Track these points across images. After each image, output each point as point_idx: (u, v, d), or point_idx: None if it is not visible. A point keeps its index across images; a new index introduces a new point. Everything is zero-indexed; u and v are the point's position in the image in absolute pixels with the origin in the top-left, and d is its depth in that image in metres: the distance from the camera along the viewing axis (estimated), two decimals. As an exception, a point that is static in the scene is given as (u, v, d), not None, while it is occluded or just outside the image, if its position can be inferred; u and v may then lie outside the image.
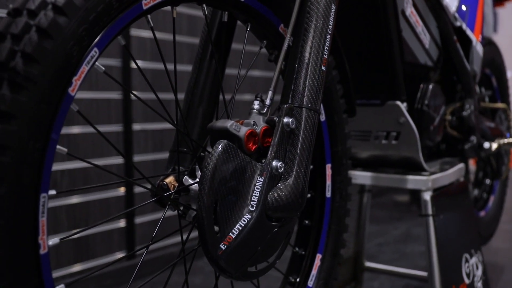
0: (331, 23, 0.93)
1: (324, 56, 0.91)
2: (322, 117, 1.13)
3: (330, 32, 0.93)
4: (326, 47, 0.92)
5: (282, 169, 0.85)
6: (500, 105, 2.12)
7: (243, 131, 0.83)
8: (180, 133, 0.93)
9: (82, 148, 1.98)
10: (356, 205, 1.86)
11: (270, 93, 0.91)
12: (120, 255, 2.12)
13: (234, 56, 2.31)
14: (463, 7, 1.79)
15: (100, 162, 2.02)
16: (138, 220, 2.19)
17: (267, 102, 0.91)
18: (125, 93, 2.10)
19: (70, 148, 1.93)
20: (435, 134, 1.48)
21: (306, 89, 0.89)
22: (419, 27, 1.43)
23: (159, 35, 2.23)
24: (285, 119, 0.86)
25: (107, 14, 0.69)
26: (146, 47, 2.21)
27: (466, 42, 1.69)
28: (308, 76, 0.89)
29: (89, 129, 1.99)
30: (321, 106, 1.12)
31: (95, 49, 0.68)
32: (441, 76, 1.67)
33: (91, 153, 2.01)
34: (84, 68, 0.67)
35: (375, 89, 1.38)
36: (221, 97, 1.01)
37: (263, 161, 0.84)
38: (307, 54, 0.90)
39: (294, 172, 0.85)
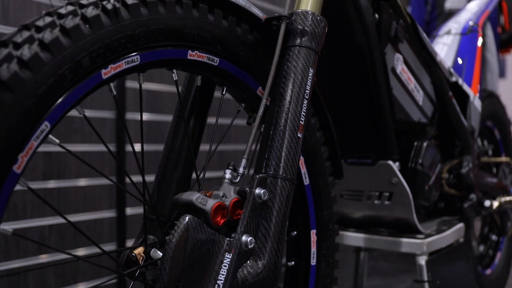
0: (308, 87, 0.89)
1: (301, 122, 0.87)
2: (306, 181, 1.08)
3: (307, 97, 0.89)
4: (303, 113, 0.88)
5: (253, 244, 0.79)
6: (503, 159, 2.06)
7: (209, 204, 0.78)
8: (147, 205, 0.89)
9: (73, 202, 1.94)
10: (353, 263, 1.79)
11: (243, 161, 0.86)
12: (110, 312, 2.04)
13: (224, 106, 2.30)
14: (459, 61, 1.76)
15: (91, 216, 1.98)
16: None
17: (240, 170, 0.86)
18: (118, 146, 2.07)
19: (60, 202, 1.89)
20: (431, 194, 1.42)
21: (281, 158, 0.84)
22: (411, 84, 1.39)
23: (156, 86, 2.22)
24: (257, 191, 0.81)
25: (60, 86, 0.65)
26: (141, 98, 2.19)
27: (463, 97, 1.64)
28: (283, 144, 0.85)
29: (81, 183, 1.95)
30: (305, 169, 1.07)
31: (46, 123, 0.65)
32: (438, 131, 1.62)
33: (82, 207, 1.96)
34: (33, 144, 0.63)
35: (366, 148, 1.34)
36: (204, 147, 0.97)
37: (233, 235, 0.79)
38: (282, 121, 0.86)
39: (265, 248, 0.80)
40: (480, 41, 1.87)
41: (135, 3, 0.74)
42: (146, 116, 2.21)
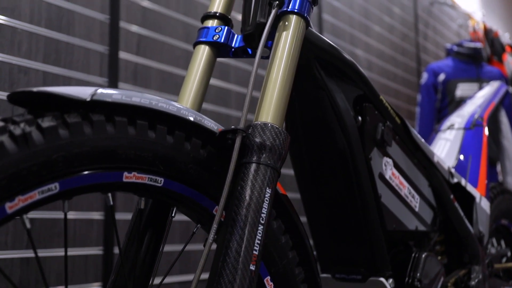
0: (264, 210, 0.78)
1: (254, 252, 0.75)
2: (277, 311, 0.94)
3: (263, 222, 0.78)
4: (257, 241, 0.76)
5: None
6: (522, 262, 1.87)
7: None
8: None
9: (53, 311, 1.80)
10: None
11: (188, 298, 0.74)
12: None
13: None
14: (463, 158, 1.64)
15: (72, 326, 1.83)
16: None
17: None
18: (105, 249, 1.95)
19: (39, 312, 1.76)
20: (433, 313, 1.25)
21: None
22: (404, 189, 1.27)
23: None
24: None
25: None
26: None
27: (468, 200, 1.51)
28: (234, 280, 0.73)
29: (61, 290, 1.82)
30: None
31: None
32: (443, 237, 1.47)
33: (63, 317, 1.83)
34: None
35: (354, 263, 1.20)
36: None
37: None
38: (232, 252, 0.75)
39: None
40: (485, 136, 1.75)
41: (52, 126, 0.65)
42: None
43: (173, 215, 0.85)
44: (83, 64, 2.00)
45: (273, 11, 0.93)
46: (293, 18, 0.94)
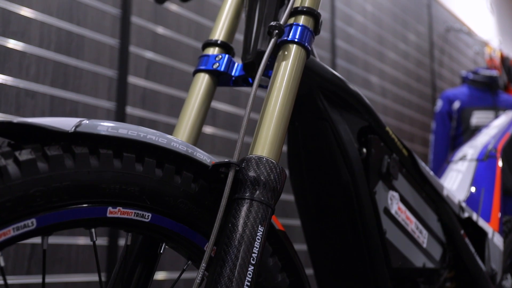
0: (256, 250, 0.74)
1: (244, 294, 0.71)
2: None
3: (253, 262, 0.73)
4: (247, 282, 0.72)
5: None
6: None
7: None
8: None
9: None
10: None
11: None
12: None
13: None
14: (476, 190, 1.58)
15: None
16: None
17: None
18: (108, 275, 1.92)
19: None
20: None
21: None
22: (411, 224, 1.21)
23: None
24: None
25: None
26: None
27: (479, 235, 1.44)
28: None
29: (61, 318, 1.78)
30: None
31: None
32: (454, 273, 1.41)
33: None
34: None
35: (357, 302, 1.14)
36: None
37: None
38: (221, 293, 0.70)
39: None
40: (499, 168, 1.69)
41: (30, 159, 0.63)
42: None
43: (161, 251, 0.81)
44: (91, 88, 1.99)
45: (273, 40, 0.91)
46: (293, 47, 0.91)
